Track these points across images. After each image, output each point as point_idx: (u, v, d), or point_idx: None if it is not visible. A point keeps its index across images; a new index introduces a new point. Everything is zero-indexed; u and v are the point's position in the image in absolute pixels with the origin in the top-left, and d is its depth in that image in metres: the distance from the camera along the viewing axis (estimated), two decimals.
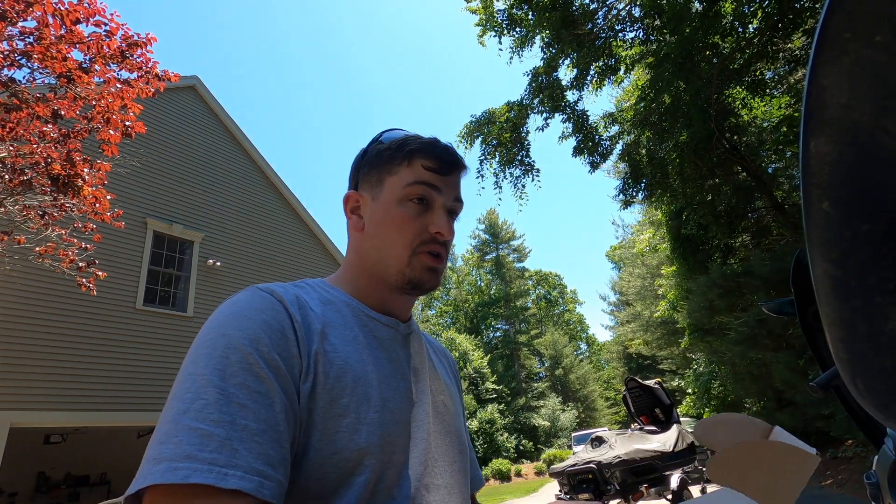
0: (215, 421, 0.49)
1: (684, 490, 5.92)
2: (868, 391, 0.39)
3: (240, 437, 0.49)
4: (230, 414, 0.50)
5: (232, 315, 0.58)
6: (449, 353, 0.94)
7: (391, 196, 0.72)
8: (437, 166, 0.72)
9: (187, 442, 0.47)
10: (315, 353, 0.60)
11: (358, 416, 0.59)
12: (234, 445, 0.48)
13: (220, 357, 0.53)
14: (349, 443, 0.58)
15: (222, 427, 0.49)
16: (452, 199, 0.74)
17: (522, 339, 37.02)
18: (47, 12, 4.58)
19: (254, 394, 0.52)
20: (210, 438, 0.48)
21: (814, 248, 0.34)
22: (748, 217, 11.94)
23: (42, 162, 4.96)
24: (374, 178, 0.74)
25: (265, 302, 0.61)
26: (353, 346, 0.65)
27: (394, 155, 0.73)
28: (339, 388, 0.60)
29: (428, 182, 0.71)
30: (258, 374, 0.54)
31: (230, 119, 10.55)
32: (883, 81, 0.28)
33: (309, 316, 0.64)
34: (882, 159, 0.31)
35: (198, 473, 0.45)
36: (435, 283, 0.72)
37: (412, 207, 0.71)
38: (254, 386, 0.53)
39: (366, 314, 0.71)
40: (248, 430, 0.50)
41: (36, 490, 9.84)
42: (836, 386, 1.13)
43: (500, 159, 10.82)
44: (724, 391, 13.24)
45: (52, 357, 6.88)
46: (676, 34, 8.56)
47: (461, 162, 0.75)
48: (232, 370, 0.53)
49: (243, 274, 9.68)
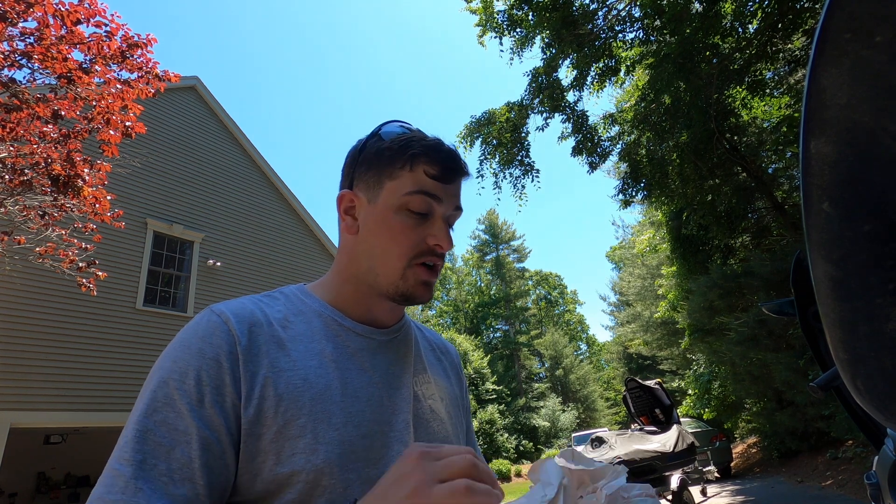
0: (128, 460, 0.51)
1: (684, 490, 5.91)
2: (868, 391, 0.39)
3: (146, 477, 0.50)
4: (143, 453, 0.51)
5: (176, 343, 0.60)
6: (451, 348, 0.91)
7: (390, 202, 0.68)
8: (441, 174, 0.68)
9: (102, 483, 0.50)
10: (264, 378, 0.59)
11: (316, 435, 0.58)
12: (138, 485, 0.49)
13: (151, 392, 0.56)
14: (307, 464, 0.57)
15: (132, 466, 0.50)
16: (452, 209, 0.71)
17: (522, 339, 37.01)
18: (48, 13, 4.59)
19: (171, 431, 0.53)
20: (119, 478, 0.50)
21: (814, 249, 0.34)
22: (748, 217, 11.94)
23: (42, 162, 4.96)
24: (373, 180, 0.70)
25: (209, 327, 0.61)
26: (318, 359, 0.64)
27: (395, 156, 0.68)
28: (296, 408, 0.59)
29: (430, 192, 0.67)
30: (180, 410, 0.54)
31: (230, 119, 10.55)
32: (883, 82, 0.28)
33: (260, 338, 0.62)
34: (882, 160, 0.31)
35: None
36: (427, 297, 0.70)
37: (411, 217, 0.67)
38: (173, 423, 0.54)
39: (338, 323, 0.69)
40: (157, 469, 0.51)
41: (36, 490, 9.84)
42: (837, 386, 1.13)
43: (500, 159, 10.82)
44: (724, 391, 13.24)
45: (52, 357, 6.88)
46: (676, 34, 8.55)
47: (464, 168, 0.72)
48: (156, 406, 0.54)
49: (243, 274, 9.68)
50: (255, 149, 10.85)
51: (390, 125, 0.73)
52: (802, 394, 8.75)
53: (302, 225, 11.29)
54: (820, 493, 7.19)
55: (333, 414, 0.61)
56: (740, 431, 14.68)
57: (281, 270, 10.33)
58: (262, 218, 10.46)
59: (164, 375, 0.56)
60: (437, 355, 0.85)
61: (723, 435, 12.11)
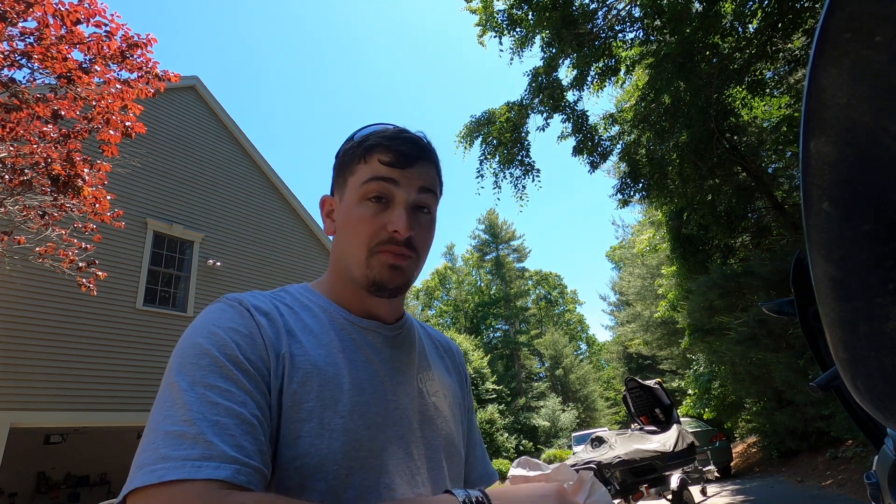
0: (188, 420, 0.51)
1: (684, 490, 5.91)
2: (868, 391, 0.39)
3: (213, 431, 0.50)
4: (201, 413, 0.51)
5: (201, 325, 0.60)
6: (455, 347, 0.91)
7: (352, 196, 0.70)
8: (395, 159, 0.68)
9: (164, 445, 0.49)
10: (283, 356, 0.61)
11: (322, 421, 0.59)
12: (207, 438, 0.50)
13: (192, 364, 0.55)
14: (310, 448, 0.58)
15: (194, 425, 0.50)
16: (416, 192, 0.69)
17: (522, 339, 37.00)
18: (48, 13, 4.59)
19: (224, 392, 0.54)
20: (184, 438, 0.50)
21: (814, 249, 0.34)
22: (748, 217, 11.93)
23: (42, 162, 4.96)
24: (341, 180, 0.73)
25: (233, 311, 0.62)
26: (326, 349, 0.65)
27: (353, 153, 0.71)
28: (304, 392, 0.60)
29: (384, 177, 0.68)
30: (228, 375, 0.55)
31: (230, 119, 10.54)
32: (883, 82, 0.28)
33: (276, 322, 0.64)
34: (882, 159, 0.31)
35: (172, 471, 0.47)
36: (400, 281, 0.69)
37: (370, 207, 0.68)
38: (224, 386, 0.54)
39: (344, 318, 0.70)
40: (220, 424, 0.51)
41: (36, 490, 9.83)
42: (836, 386, 1.13)
43: (500, 159, 10.81)
44: (724, 391, 13.23)
45: (52, 357, 6.88)
46: (676, 34, 8.55)
47: (424, 152, 0.71)
48: (202, 374, 0.54)
49: (243, 274, 9.68)
50: (255, 149, 10.84)
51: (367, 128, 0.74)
52: (802, 393, 8.75)
53: (302, 225, 11.29)
54: (820, 492, 7.19)
55: (340, 402, 0.62)
56: (740, 431, 14.68)
57: (281, 270, 10.32)
58: (262, 218, 10.45)
59: (201, 349, 0.57)
60: (440, 353, 0.86)
61: (723, 435, 12.11)
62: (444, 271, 42.16)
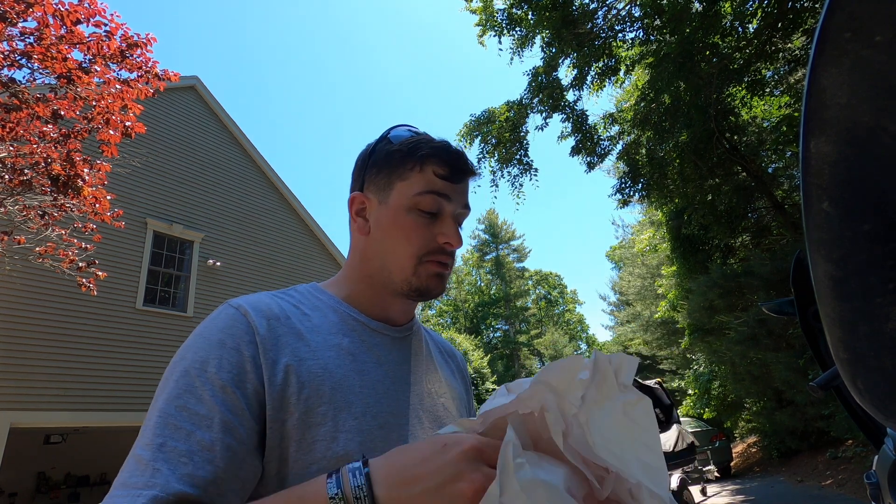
0: (148, 444, 0.51)
1: (684, 490, 5.91)
2: (868, 391, 0.39)
3: (165, 458, 0.50)
4: (162, 436, 0.52)
5: (195, 337, 0.61)
6: (457, 353, 0.93)
7: (400, 202, 0.70)
8: (450, 174, 0.70)
9: (126, 469, 0.50)
10: (286, 366, 0.60)
11: (336, 423, 0.59)
12: (156, 466, 0.49)
13: (173, 382, 0.56)
14: (327, 451, 0.58)
15: (150, 450, 0.51)
16: (461, 206, 0.73)
17: (522, 339, 37.02)
18: (47, 13, 4.59)
19: (192, 415, 0.53)
20: (140, 462, 0.50)
21: (814, 248, 0.34)
22: (748, 217, 11.94)
23: (42, 162, 4.96)
24: (383, 182, 0.72)
25: (227, 319, 0.62)
26: (336, 351, 0.65)
27: (405, 158, 0.70)
28: (316, 396, 0.60)
29: (440, 191, 0.70)
30: (201, 396, 0.55)
31: (230, 119, 10.54)
32: (883, 81, 0.28)
33: (280, 327, 0.63)
34: (882, 159, 0.31)
35: (121, 499, 0.47)
36: (441, 289, 0.72)
37: (422, 217, 0.70)
38: (194, 408, 0.54)
39: (354, 318, 0.71)
40: (176, 451, 0.51)
41: (36, 490, 9.83)
42: (836, 386, 1.13)
43: (499, 158, 10.82)
44: (724, 391, 13.23)
45: (52, 357, 6.87)
46: (676, 34, 8.55)
47: (472, 169, 0.74)
48: (176, 393, 0.55)
49: (243, 274, 9.67)
50: (255, 149, 10.84)
51: (399, 129, 0.75)
52: (802, 393, 8.75)
53: (302, 225, 11.29)
54: (820, 492, 7.19)
55: (353, 404, 0.62)
56: (740, 431, 14.67)
57: (281, 270, 10.32)
58: (262, 218, 10.45)
59: (185, 366, 0.57)
60: (444, 357, 0.87)
61: (723, 434, 12.10)
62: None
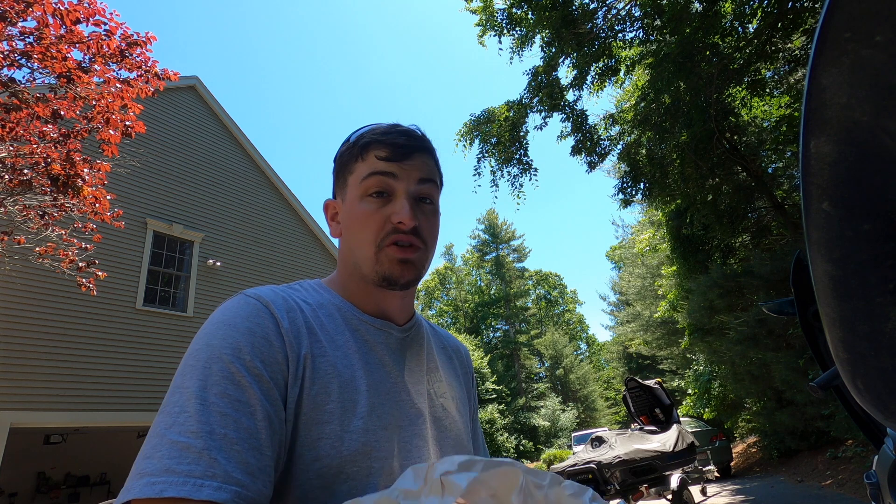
0: (195, 432, 0.49)
1: (684, 490, 5.91)
2: (868, 391, 0.39)
3: (218, 447, 0.49)
4: (209, 424, 0.50)
5: (217, 324, 0.59)
6: (462, 348, 0.92)
7: (353, 195, 0.71)
8: (391, 153, 0.69)
9: (168, 455, 0.48)
10: (304, 357, 0.60)
11: (342, 423, 0.59)
12: (212, 455, 0.48)
13: (203, 368, 0.54)
14: (331, 450, 0.57)
15: (201, 438, 0.49)
16: (416, 183, 0.70)
17: (522, 339, 37.02)
18: (47, 12, 4.58)
19: (234, 402, 0.52)
20: (188, 450, 0.48)
21: (814, 248, 0.34)
22: (748, 217, 11.93)
23: (42, 162, 4.96)
24: (341, 181, 0.74)
25: (251, 309, 0.61)
26: (343, 350, 0.65)
27: (350, 151, 0.72)
28: (325, 393, 0.59)
29: (382, 171, 0.69)
30: (239, 382, 0.54)
31: (230, 119, 10.54)
32: (883, 82, 0.28)
33: (298, 319, 0.63)
34: (882, 159, 0.31)
35: (173, 487, 0.46)
36: (410, 275, 0.69)
37: (372, 202, 0.69)
38: (234, 395, 0.53)
39: (357, 318, 0.70)
40: (228, 438, 0.50)
41: (36, 490, 9.83)
42: (836, 386, 1.13)
43: (498, 158, 10.81)
44: (724, 391, 13.23)
45: (52, 357, 6.87)
46: (676, 34, 8.55)
47: (419, 142, 0.72)
48: (213, 380, 0.53)
49: (243, 274, 9.67)
50: (255, 148, 10.84)
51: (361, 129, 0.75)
52: (802, 393, 8.75)
53: (302, 225, 11.29)
54: (820, 492, 7.19)
55: (359, 404, 0.62)
56: (740, 431, 14.67)
57: (281, 270, 10.32)
58: (262, 218, 10.45)
59: (214, 352, 0.55)
60: (448, 354, 0.86)
61: (723, 434, 12.10)
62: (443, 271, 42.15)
